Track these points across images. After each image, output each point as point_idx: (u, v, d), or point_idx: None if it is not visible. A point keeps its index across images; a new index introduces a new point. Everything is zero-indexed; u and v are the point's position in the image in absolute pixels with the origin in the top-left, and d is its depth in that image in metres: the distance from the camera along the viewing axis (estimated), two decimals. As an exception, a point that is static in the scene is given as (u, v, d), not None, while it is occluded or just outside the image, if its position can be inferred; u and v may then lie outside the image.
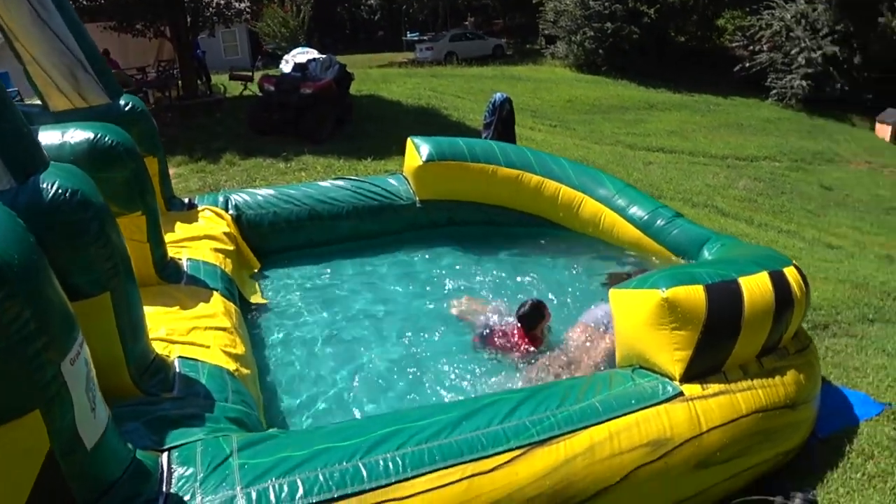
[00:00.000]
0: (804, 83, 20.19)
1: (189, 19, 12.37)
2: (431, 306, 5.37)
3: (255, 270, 5.89)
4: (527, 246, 6.45)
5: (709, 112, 20.63)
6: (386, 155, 10.45)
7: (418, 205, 6.62)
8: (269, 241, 6.18)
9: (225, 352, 3.90)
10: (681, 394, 3.10)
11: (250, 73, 14.41)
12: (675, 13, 24.25)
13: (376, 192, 6.60)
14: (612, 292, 3.53)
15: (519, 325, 4.56)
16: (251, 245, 6.03)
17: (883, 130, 18.63)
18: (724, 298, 3.23)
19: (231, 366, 3.80)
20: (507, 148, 6.77)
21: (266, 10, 24.89)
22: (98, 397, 2.25)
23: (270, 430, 2.79)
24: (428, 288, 5.76)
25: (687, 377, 3.17)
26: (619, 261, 6.06)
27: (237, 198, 6.27)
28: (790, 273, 3.73)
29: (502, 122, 9.98)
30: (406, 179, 6.79)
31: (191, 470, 2.46)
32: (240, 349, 4.09)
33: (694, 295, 3.16)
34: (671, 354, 3.15)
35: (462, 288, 5.66)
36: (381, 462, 2.46)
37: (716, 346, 3.20)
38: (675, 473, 2.92)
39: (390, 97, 16.37)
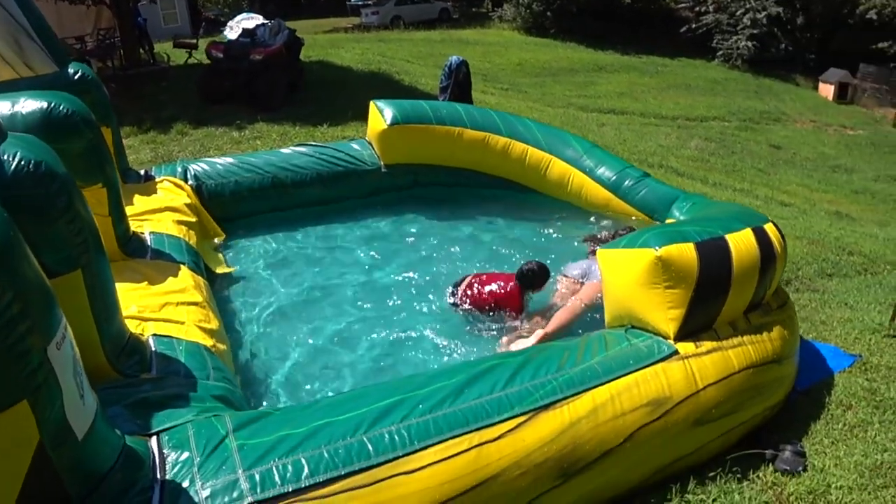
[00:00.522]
0: (749, 44, 20.53)
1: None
2: (401, 271, 5.30)
3: (220, 240, 5.68)
4: (495, 209, 6.40)
5: (657, 73, 20.80)
6: (342, 121, 10.19)
7: (383, 169, 6.48)
8: (231, 210, 5.97)
9: (200, 327, 3.74)
10: (676, 352, 3.09)
11: (195, 41, 13.81)
12: (621, -26, 24.31)
13: (340, 158, 6.42)
14: (601, 252, 3.48)
15: (519, 283, 4.46)
16: (213, 215, 5.80)
17: (826, 90, 19.12)
18: (714, 255, 3.22)
19: (208, 342, 3.65)
20: (473, 110, 6.66)
21: None
22: (85, 382, 2.09)
23: (263, 408, 2.67)
24: (397, 253, 5.67)
25: (681, 336, 3.16)
26: (589, 222, 6.05)
27: (196, 167, 6.01)
28: (770, 229, 3.75)
29: (459, 86, 9.84)
30: (370, 144, 6.62)
31: (186, 454, 2.32)
32: (214, 324, 3.94)
33: (686, 253, 3.13)
34: (665, 313, 3.13)
35: (434, 255, 5.58)
36: (387, 435, 2.37)
37: (707, 303, 3.20)
38: (674, 432, 2.92)
39: (340, 63, 15.98)
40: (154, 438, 2.47)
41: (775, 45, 20.61)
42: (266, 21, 12.23)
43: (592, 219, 6.06)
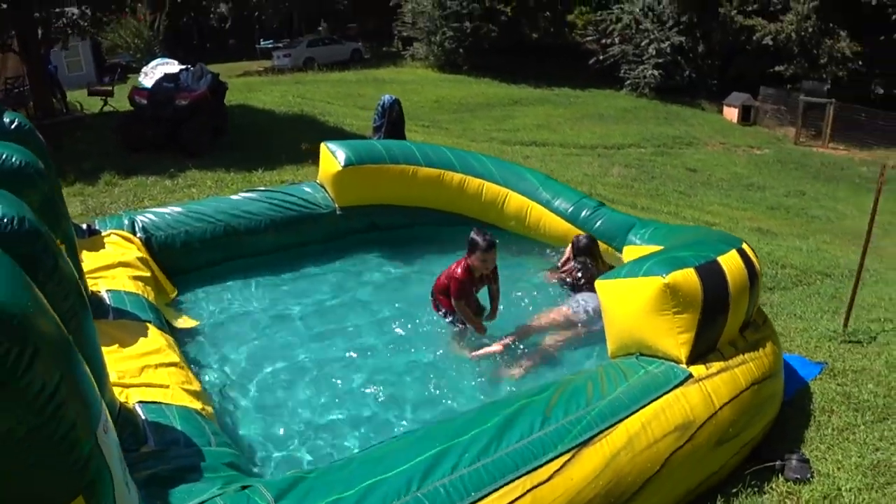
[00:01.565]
0: (655, 72, 21.63)
1: (41, 31, 11.14)
2: (363, 314, 5.19)
3: (174, 295, 5.38)
4: (454, 247, 6.34)
5: (570, 105, 21.53)
6: (276, 164, 9.99)
7: (338, 212, 6.34)
8: (182, 262, 5.66)
9: (185, 390, 3.50)
10: (690, 376, 3.13)
11: (110, 88, 13.31)
12: (528, 10, 25.12)
13: (293, 202, 6.24)
14: (600, 284, 3.51)
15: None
16: (164, 268, 5.50)
17: (731, 113, 20.31)
18: (713, 278, 3.30)
19: (196, 405, 3.42)
20: (426, 147, 6.64)
21: (119, 20, 23.11)
22: (126, 469, 1.89)
23: (295, 472, 2.50)
24: (358, 296, 5.55)
25: (692, 359, 3.20)
26: (546, 255, 6.11)
27: (143, 219, 5.70)
28: (747, 249, 3.88)
29: (392, 124, 9.84)
30: (322, 187, 6.48)
31: (228, 531, 2.14)
32: (196, 385, 3.70)
33: (690, 278, 3.20)
34: (676, 338, 3.17)
35: (395, 296, 5.49)
36: (442, 489, 2.26)
37: (713, 324, 3.26)
38: (700, 454, 2.94)
39: (261, 106, 15.77)
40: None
41: (679, 73, 21.82)
42: (186, 66, 11.92)
43: (548, 251, 6.11)
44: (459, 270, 4.55)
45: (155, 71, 14.39)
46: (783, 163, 16.36)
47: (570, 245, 5.39)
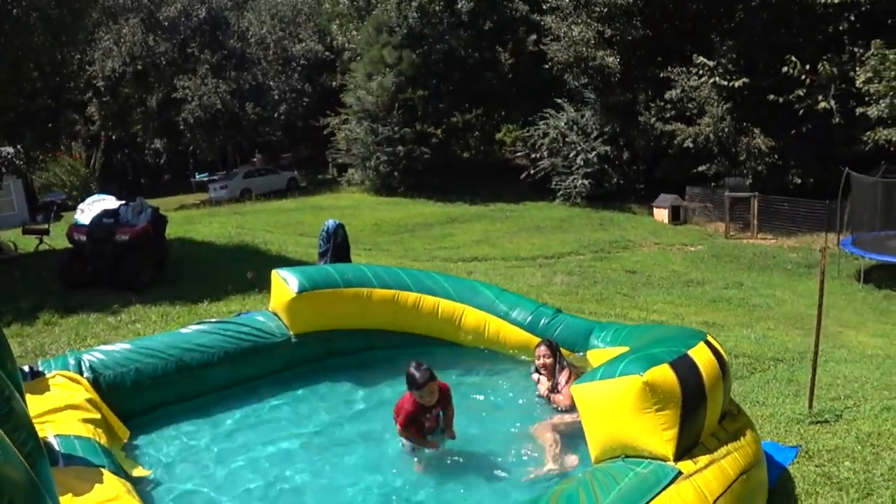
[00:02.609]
0: (585, 182, 22.65)
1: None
2: (330, 445, 5.00)
3: (126, 439, 5.07)
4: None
5: (507, 218, 22.17)
6: (222, 295, 9.83)
7: (293, 339, 6.21)
8: (134, 402, 5.37)
9: (150, 540, 3.24)
10: (680, 473, 3.09)
11: (45, 227, 13.09)
12: (456, 131, 26.30)
13: (246, 333, 6.07)
14: (576, 388, 3.50)
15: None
16: (114, 410, 5.20)
17: (661, 214, 21.26)
18: (687, 372, 3.34)
19: (163, 556, 3.16)
20: (378, 269, 6.66)
21: (54, 158, 23.03)
22: None
23: None
24: (320, 427, 5.33)
25: (678, 455, 3.17)
26: (518, 362, 6.06)
27: (90, 357, 5.42)
28: (713, 341, 3.97)
29: (337, 249, 9.88)
30: (275, 315, 6.36)
31: None
32: (160, 535, 3.43)
33: (667, 374, 3.23)
34: (660, 436, 3.15)
35: (361, 424, 5.33)
36: None
37: (694, 417, 3.27)
38: (701, 555, 2.86)
39: (201, 238, 15.72)
40: None
41: (608, 180, 22.95)
42: (126, 201, 11.87)
43: (523, 357, 6.05)
44: (407, 405, 4.51)
45: (92, 208, 14.26)
46: (718, 257, 17.06)
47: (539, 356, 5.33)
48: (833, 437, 4.85)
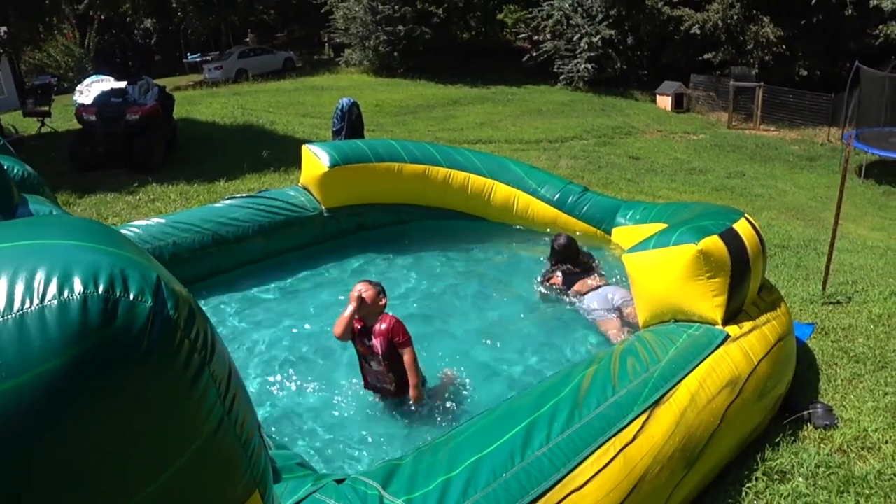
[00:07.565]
0: (588, 66, 22.13)
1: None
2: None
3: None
4: (445, 242, 6.38)
5: (509, 102, 21.82)
6: (238, 174, 9.84)
7: (325, 214, 6.32)
8: (172, 274, 5.52)
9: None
10: (728, 335, 3.29)
11: (47, 108, 12.79)
12: (457, 11, 25.35)
13: (280, 207, 6.17)
14: (629, 257, 3.64)
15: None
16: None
17: (664, 101, 20.97)
18: (735, 243, 3.48)
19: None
20: (409, 144, 6.68)
21: (48, 40, 22.12)
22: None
23: (389, 460, 2.51)
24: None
25: (726, 320, 3.37)
26: (537, 241, 6.21)
27: (128, 232, 5.53)
28: (751, 218, 4.10)
29: (352, 127, 9.83)
30: (306, 189, 6.44)
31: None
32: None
33: (717, 244, 3.36)
34: (711, 301, 3.33)
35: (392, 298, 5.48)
36: (545, 458, 2.33)
37: (740, 286, 3.44)
38: (748, 407, 3.11)
39: (204, 119, 15.46)
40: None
41: (611, 65, 22.40)
42: (134, 80, 11.58)
43: (547, 238, 6.18)
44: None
45: (91, 88, 13.95)
46: (720, 146, 17.05)
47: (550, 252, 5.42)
48: (846, 317, 5.07)
